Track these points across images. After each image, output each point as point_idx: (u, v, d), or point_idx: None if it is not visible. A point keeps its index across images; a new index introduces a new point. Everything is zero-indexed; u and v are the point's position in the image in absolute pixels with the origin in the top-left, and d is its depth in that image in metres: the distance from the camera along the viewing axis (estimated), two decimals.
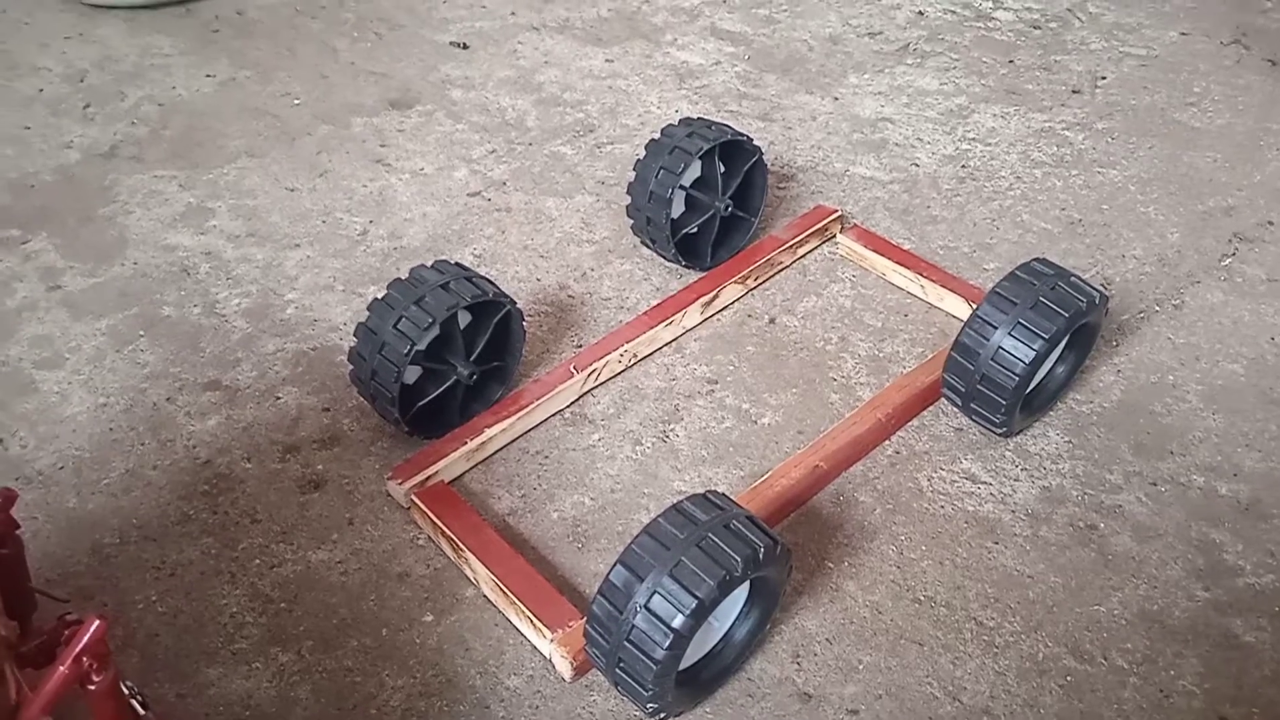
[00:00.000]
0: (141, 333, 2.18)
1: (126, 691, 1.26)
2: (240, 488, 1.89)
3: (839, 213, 2.39)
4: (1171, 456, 1.94)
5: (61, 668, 1.17)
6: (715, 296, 2.19)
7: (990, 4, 3.24)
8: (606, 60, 3.01)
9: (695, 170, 2.20)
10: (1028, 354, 1.78)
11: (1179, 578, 1.75)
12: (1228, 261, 2.35)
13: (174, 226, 2.44)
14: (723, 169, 2.22)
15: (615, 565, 1.45)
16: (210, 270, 2.33)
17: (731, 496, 1.56)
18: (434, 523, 1.77)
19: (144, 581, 1.74)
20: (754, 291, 2.27)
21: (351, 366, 1.87)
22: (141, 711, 1.27)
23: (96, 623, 1.17)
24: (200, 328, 2.19)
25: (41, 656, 1.30)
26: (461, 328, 1.88)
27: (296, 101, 2.85)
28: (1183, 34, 3.10)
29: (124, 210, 2.49)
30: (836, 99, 2.85)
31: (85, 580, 1.74)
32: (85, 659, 1.17)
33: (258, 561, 1.77)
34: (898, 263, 2.27)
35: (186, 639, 1.66)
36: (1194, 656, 1.64)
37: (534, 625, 1.62)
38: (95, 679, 1.18)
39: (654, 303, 2.20)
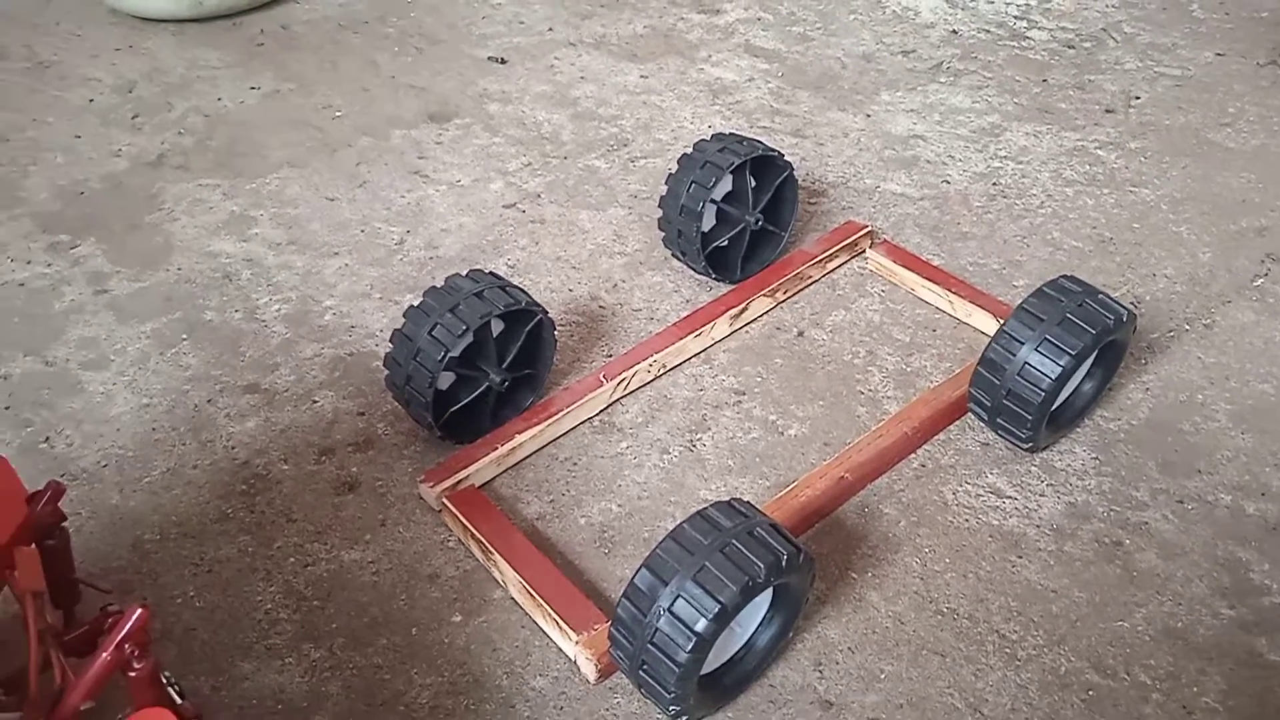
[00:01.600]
0: (184, 336, 2.24)
1: (164, 681, 1.31)
2: (277, 488, 1.93)
3: (869, 228, 2.41)
4: (1199, 475, 1.94)
5: (105, 654, 1.21)
6: (744, 309, 2.22)
7: (1024, 24, 3.25)
8: (641, 76, 3.05)
9: (726, 185, 2.23)
10: (1054, 370, 1.79)
11: (1204, 595, 1.75)
12: (1260, 282, 2.35)
13: (217, 234, 2.51)
14: (754, 184, 2.24)
15: (640, 569, 1.47)
16: (251, 277, 2.38)
17: (757, 505, 1.58)
18: (464, 526, 1.80)
19: (182, 577, 1.79)
20: (783, 305, 2.29)
21: (387, 372, 1.91)
22: (179, 700, 1.31)
23: (139, 611, 1.21)
24: (241, 332, 2.25)
25: (85, 644, 1.35)
26: (494, 335, 1.92)
27: (338, 114, 2.91)
28: (1218, 55, 3.09)
29: (169, 217, 2.56)
30: (869, 116, 2.87)
31: (126, 575, 1.79)
32: (127, 646, 1.21)
33: (292, 560, 1.81)
34: (926, 278, 2.28)
35: (222, 633, 1.70)
36: (1217, 674, 1.64)
37: (560, 627, 1.65)
38: (136, 665, 1.23)
39: (683, 314, 2.23)
